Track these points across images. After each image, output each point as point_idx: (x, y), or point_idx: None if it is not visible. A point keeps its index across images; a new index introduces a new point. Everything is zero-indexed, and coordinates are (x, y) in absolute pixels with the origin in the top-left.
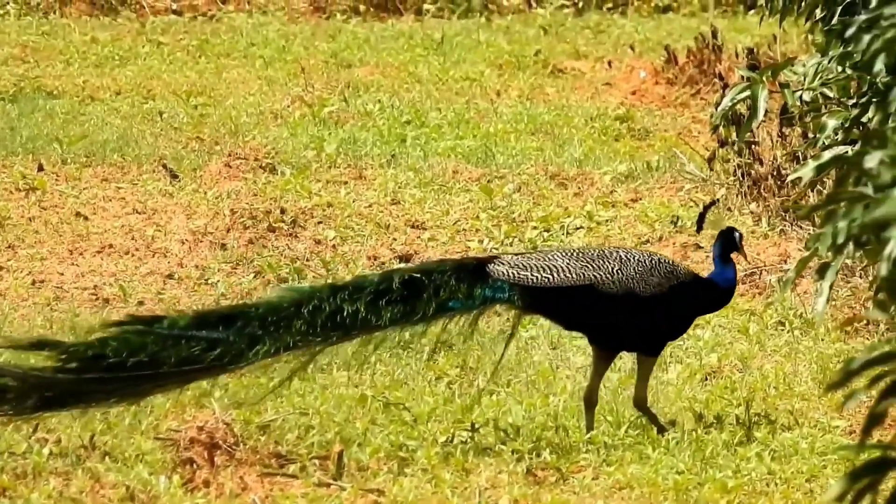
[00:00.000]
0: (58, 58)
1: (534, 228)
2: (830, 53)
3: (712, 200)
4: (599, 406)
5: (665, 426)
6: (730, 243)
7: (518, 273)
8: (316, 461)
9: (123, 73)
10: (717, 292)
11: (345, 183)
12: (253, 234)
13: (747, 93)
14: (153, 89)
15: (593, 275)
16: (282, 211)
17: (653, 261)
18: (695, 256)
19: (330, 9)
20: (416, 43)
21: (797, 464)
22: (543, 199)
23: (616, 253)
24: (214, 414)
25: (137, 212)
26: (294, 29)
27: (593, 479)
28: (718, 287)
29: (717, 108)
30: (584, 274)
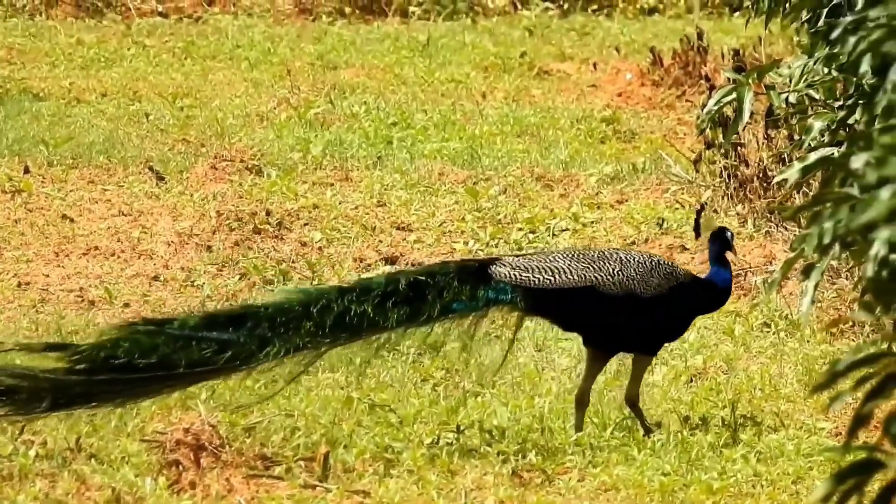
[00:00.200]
0: (44, 60)
1: (519, 230)
2: (816, 55)
3: (701, 205)
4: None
5: (651, 427)
6: (724, 243)
7: (520, 275)
8: (302, 463)
9: (109, 75)
10: (716, 293)
11: (331, 185)
12: (239, 236)
13: (733, 95)
14: (139, 91)
15: (594, 276)
16: (268, 213)
17: (652, 262)
18: (681, 258)
19: (315, 11)
20: (402, 45)
21: (783, 465)
22: (529, 201)
23: (616, 254)
24: (200, 416)
25: (123, 214)
26: (280, 31)
27: (579, 481)
28: (717, 287)
29: (704, 111)
30: (586, 275)
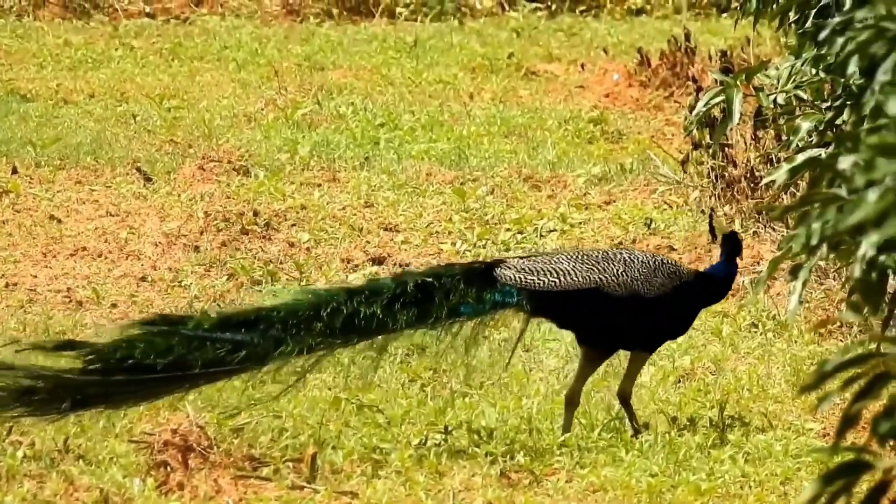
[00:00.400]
0: (31, 61)
1: (507, 231)
2: (804, 56)
3: (711, 209)
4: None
5: (639, 428)
6: (735, 246)
7: (525, 277)
8: (290, 464)
9: (97, 76)
10: (717, 285)
11: (318, 185)
12: (226, 237)
13: (721, 96)
14: (126, 92)
15: (599, 277)
16: (255, 213)
17: (656, 262)
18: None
19: (303, 12)
20: (389, 46)
21: (771, 466)
22: (517, 202)
23: (620, 254)
24: (188, 417)
25: (111, 214)
26: (267, 32)
27: (567, 482)
28: (717, 279)
29: (692, 113)
30: (590, 277)
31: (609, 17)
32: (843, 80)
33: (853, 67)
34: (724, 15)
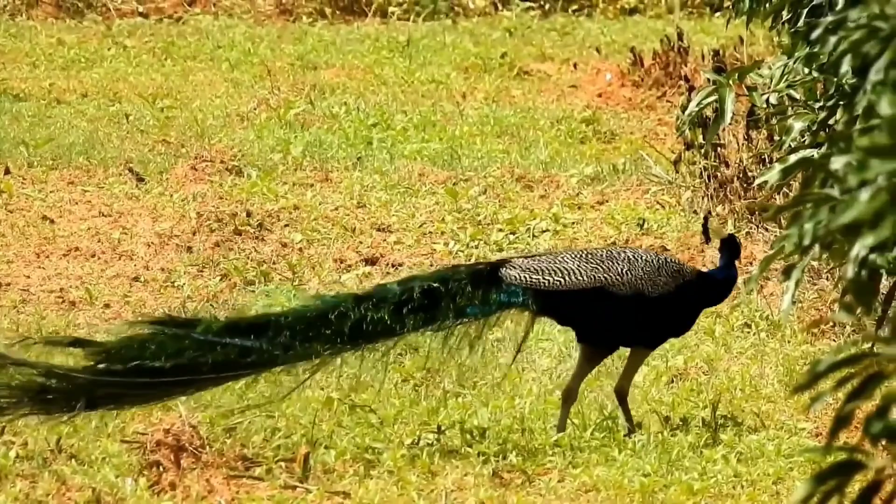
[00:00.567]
0: (24, 60)
1: (500, 231)
2: (797, 55)
3: (706, 213)
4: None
5: (632, 428)
6: (735, 250)
7: (530, 277)
8: (282, 463)
9: (90, 76)
10: (717, 286)
11: (311, 186)
12: (219, 237)
13: (714, 96)
14: (119, 92)
15: (603, 276)
16: (248, 214)
17: (659, 261)
18: None
19: (296, 11)
20: (382, 45)
21: (763, 466)
22: (509, 202)
23: (623, 253)
24: (181, 416)
25: (103, 215)
26: (260, 31)
27: (559, 482)
28: (716, 280)
29: (685, 113)
30: (595, 276)
31: (602, 17)
32: (836, 80)
33: (846, 67)
34: (717, 14)
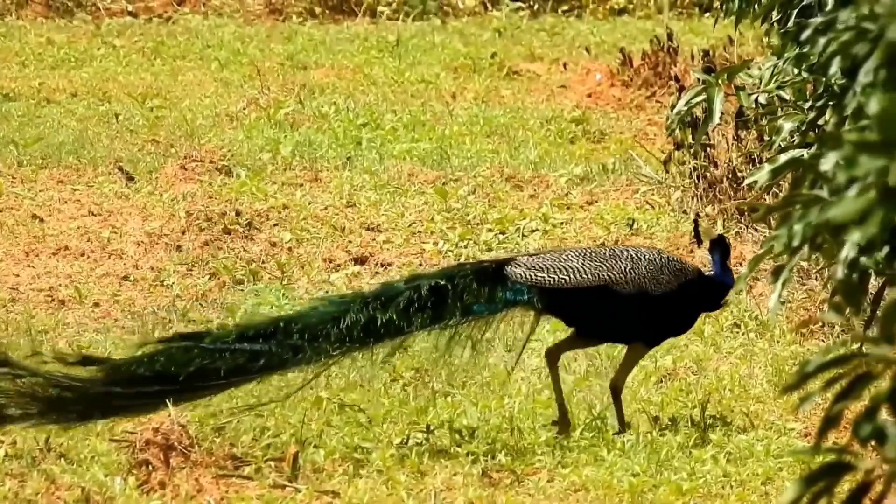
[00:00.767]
0: (14, 60)
1: (489, 231)
2: (786, 56)
3: (696, 215)
4: (554, 409)
5: (622, 427)
6: (725, 251)
7: (535, 275)
8: (271, 463)
9: (79, 75)
10: (715, 287)
11: (300, 185)
12: (208, 236)
13: (703, 96)
14: (109, 91)
15: (607, 275)
16: (237, 213)
17: (662, 259)
18: None
19: (286, 11)
20: (372, 45)
21: (752, 466)
22: (499, 202)
23: (626, 252)
24: (170, 416)
25: (93, 214)
26: (250, 31)
27: (548, 482)
28: (715, 282)
29: (673, 112)
30: (599, 274)
31: (591, 17)
32: (826, 81)
33: (835, 67)
34: (707, 15)
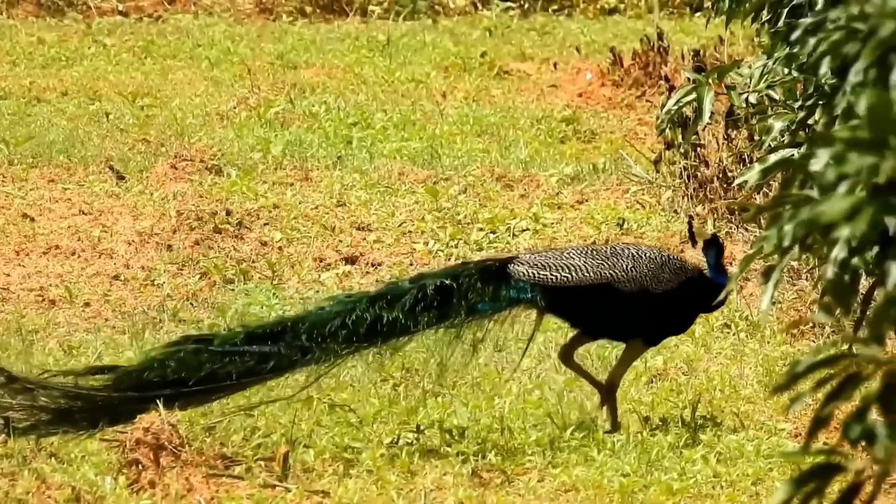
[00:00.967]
0: (4, 58)
1: (479, 230)
2: (776, 55)
3: (689, 216)
4: (544, 409)
5: (613, 427)
6: (719, 250)
7: (538, 273)
8: (261, 462)
9: (70, 74)
10: (713, 288)
11: (291, 185)
12: (199, 236)
13: (693, 95)
14: (99, 90)
15: (609, 273)
16: (228, 212)
17: (662, 257)
18: None
19: (276, 10)
20: (362, 44)
21: (743, 466)
22: (489, 201)
23: (627, 250)
24: (160, 415)
25: (84, 213)
26: (240, 30)
27: (539, 482)
28: (713, 282)
29: (664, 111)
30: (601, 272)
31: (582, 17)
32: (816, 80)
33: (825, 67)
34: (698, 14)
